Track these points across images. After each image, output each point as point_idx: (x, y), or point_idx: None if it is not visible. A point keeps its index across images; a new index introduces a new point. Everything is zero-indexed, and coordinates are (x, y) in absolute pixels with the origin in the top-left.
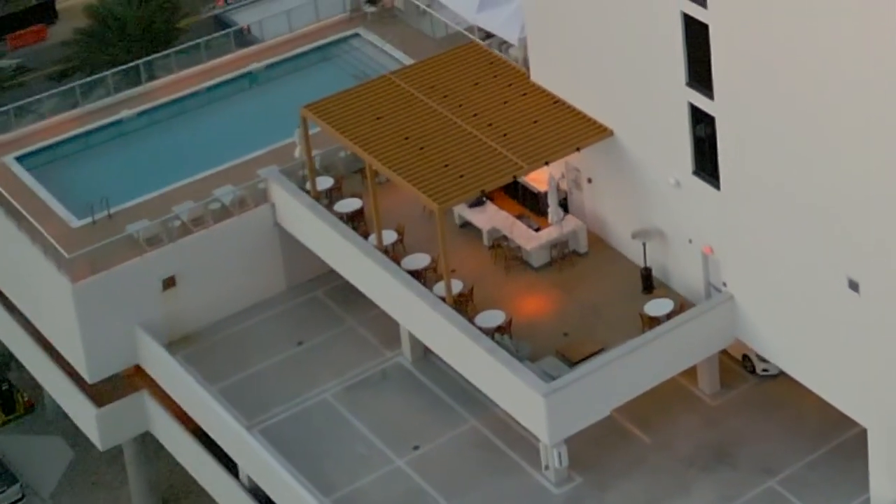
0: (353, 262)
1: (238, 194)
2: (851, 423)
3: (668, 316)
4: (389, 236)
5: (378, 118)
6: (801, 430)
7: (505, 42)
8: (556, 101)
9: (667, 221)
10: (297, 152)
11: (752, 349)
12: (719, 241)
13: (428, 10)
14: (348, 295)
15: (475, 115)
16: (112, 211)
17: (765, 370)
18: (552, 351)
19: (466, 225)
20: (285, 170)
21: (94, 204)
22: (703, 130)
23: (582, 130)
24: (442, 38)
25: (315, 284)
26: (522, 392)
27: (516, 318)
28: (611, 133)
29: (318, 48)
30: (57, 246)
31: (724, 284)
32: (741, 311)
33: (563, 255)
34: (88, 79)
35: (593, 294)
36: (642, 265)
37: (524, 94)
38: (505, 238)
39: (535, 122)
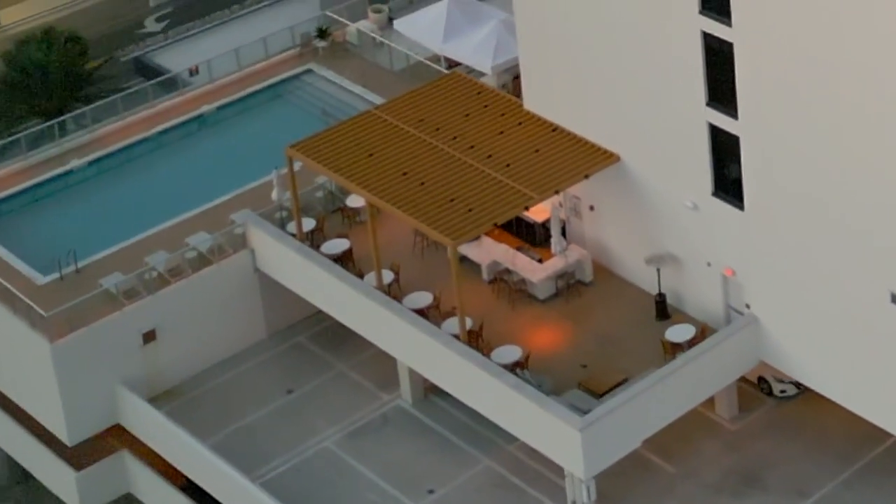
0: (352, 304)
1: (215, 241)
2: (879, 440)
3: (691, 342)
4: (385, 276)
5: (370, 154)
6: (828, 449)
7: (473, 71)
8: (556, 129)
9: (682, 246)
10: (275, 194)
11: (776, 371)
12: (742, 263)
13: (386, 41)
14: (333, 339)
15: (472, 146)
16: (79, 265)
17: (783, 392)
18: (573, 384)
19: (462, 260)
20: (264, 213)
21: (60, 259)
22: (724, 150)
23: (587, 157)
24: (402, 69)
25: (296, 330)
26: (555, 427)
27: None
28: (617, 158)
29: (271, 86)
30: (33, 304)
31: (747, 306)
32: (766, 332)
33: (568, 286)
34: (33, 129)
35: (606, 324)
36: (653, 292)
37: (520, 123)
38: (507, 271)
39: (537, 150)
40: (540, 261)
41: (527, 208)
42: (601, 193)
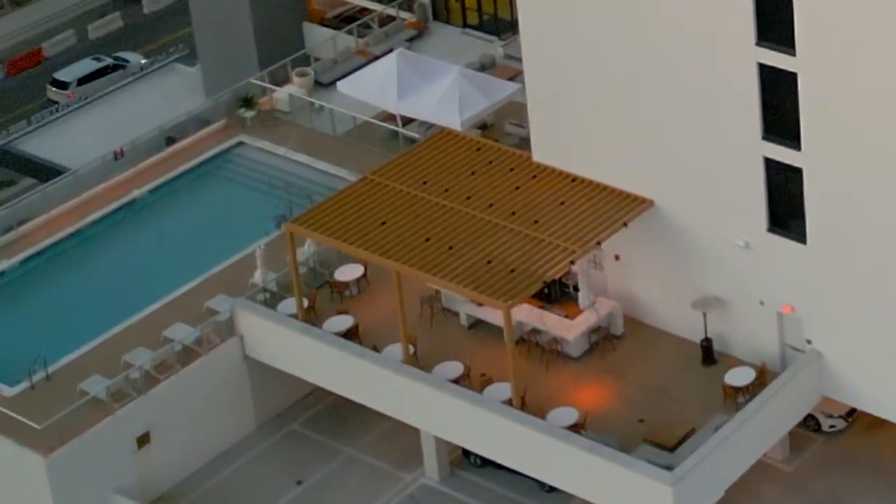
0: (375, 381)
1: (203, 332)
2: None
3: (752, 384)
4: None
5: (383, 223)
6: (892, 482)
7: (432, 126)
8: (574, 179)
9: (729, 287)
10: (258, 275)
11: (824, 407)
12: (802, 298)
13: (327, 105)
14: (331, 423)
15: (491, 205)
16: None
17: (832, 426)
18: (636, 440)
19: (476, 325)
20: (250, 296)
21: (30, 367)
22: (782, 184)
23: (619, 205)
24: (347, 132)
25: (286, 418)
26: (642, 486)
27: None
28: (651, 203)
29: (203, 163)
30: (23, 419)
31: (808, 342)
32: (830, 366)
33: (602, 341)
34: None
35: (650, 375)
36: (690, 338)
37: (534, 177)
38: (535, 331)
39: (562, 203)
40: (567, 317)
41: (572, 263)
42: (629, 242)
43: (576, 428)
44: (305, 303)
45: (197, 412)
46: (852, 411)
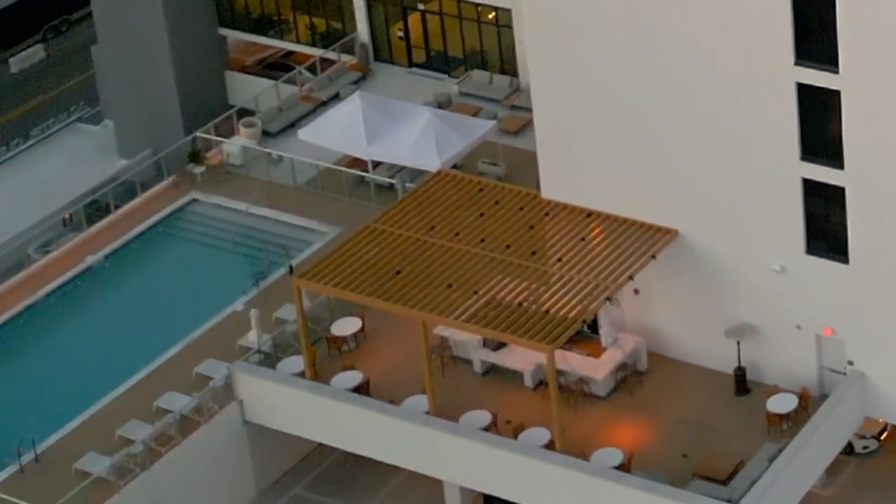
0: (398, 435)
1: (202, 400)
2: None
3: (796, 411)
4: (420, 401)
5: (398, 272)
6: None
7: (402, 169)
8: (590, 214)
9: (762, 312)
10: (253, 336)
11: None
12: (844, 319)
13: (286, 155)
14: (336, 484)
15: (508, 246)
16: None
17: (865, 448)
18: (685, 476)
19: (491, 371)
20: (245, 358)
21: (19, 448)
22: (822, 205)
23: (642, 237)
24: (308, 181)
25: (287, 483)
26: None
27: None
28: (675, 234)
29: (157, 223)
30: None
31: (850, 363)
32: (873, 386)
33: (628, 378)
34: None
35: (683, 408)
36: (717, 369)
37: (546, 215)
38: (559, 373)
39: (583, 239)
40: (590, 356)
41: (609, 300)
42: (650, 275)
43: (622, 468)
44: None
45: (199, 482)
46: (882, 431)
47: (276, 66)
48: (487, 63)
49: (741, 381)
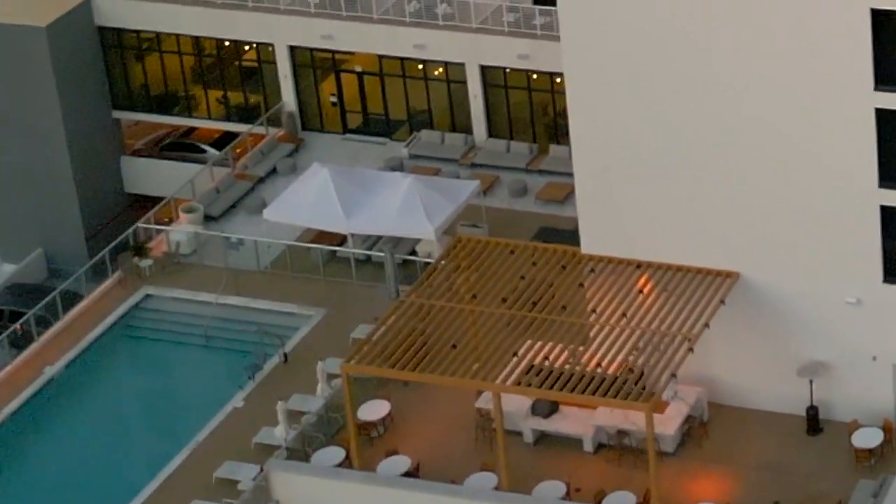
0: None
1: None
2: None
3: (881, 444)
4: (484, 479)
5: (453, 346)
6: None
7: (379, 240)
8: (640, 266)
9: (833, 348)
10: (280, 430)
11: None
12: None
13: (249, 238)
14: None
15: (564, 307)
16: None
17: None
18: None
19: (542, 439)
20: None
21: None
22: None
23: (702, 283)
24: (272, 262)
25: None
26: None
27: None
28: (737, 276)
29: (115, 325)
30: None
31: None
32: None
33: (693, 430)
34: None
35: (757, 456)
36: (779, 411)
37: (592, 271)
38: (621, 433)
39: (641, 292)
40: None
41: (691, 350)
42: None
43: None
44: (343, 452)
45: None
46: None
47: (175, 147)
48: (434, 122)
49: (814, 421)
